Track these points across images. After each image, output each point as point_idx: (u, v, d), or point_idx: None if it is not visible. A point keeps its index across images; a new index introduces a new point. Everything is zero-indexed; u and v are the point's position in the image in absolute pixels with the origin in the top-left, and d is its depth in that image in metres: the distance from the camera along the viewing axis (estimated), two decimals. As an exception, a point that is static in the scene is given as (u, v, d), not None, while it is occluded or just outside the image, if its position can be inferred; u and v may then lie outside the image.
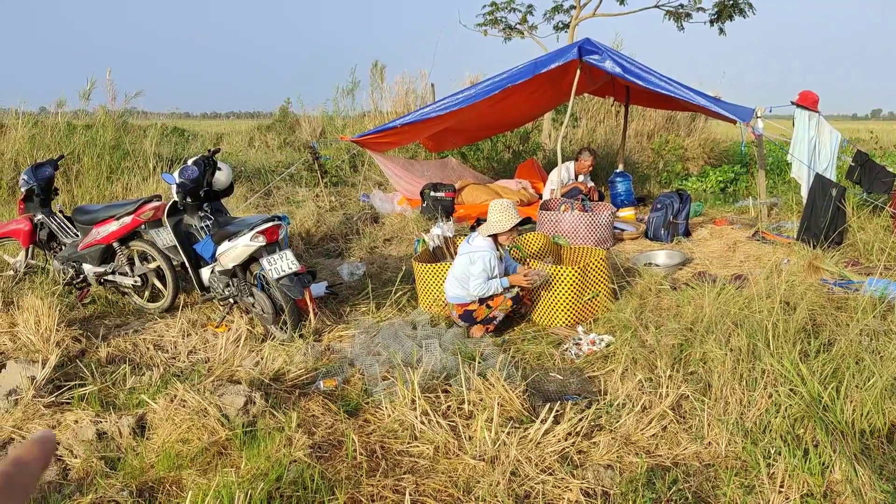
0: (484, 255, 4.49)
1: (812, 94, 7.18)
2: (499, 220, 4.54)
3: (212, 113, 42.26)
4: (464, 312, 4.60)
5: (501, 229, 4.53)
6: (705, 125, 15.23)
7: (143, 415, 3.37)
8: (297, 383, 3.84)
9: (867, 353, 3.29)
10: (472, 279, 4.47)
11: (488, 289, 4.46)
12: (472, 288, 4.46)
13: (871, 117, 69.99)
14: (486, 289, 4.45)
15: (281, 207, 9.26)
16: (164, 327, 4.83)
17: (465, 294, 4.58)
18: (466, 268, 4.54)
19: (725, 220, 8.12)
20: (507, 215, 4.54)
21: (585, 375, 3.94)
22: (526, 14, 15.45)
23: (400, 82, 14.34)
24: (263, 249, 4.52)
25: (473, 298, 4.55)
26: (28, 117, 10.09)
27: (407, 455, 3.06)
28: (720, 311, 3.92)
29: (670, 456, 2.99)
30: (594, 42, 7.74)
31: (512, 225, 4.53)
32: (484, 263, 4.47)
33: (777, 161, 11.80)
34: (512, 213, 4.56)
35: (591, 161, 8.82)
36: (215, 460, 3.02)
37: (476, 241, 4.61)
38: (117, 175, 9.05)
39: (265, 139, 15.87)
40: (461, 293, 4.60)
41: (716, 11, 13.79)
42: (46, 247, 5.88)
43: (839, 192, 6.41)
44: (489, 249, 4.52)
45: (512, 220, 4.52)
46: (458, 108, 8.09)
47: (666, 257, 6.46)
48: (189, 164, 4.88)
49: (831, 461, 2.75)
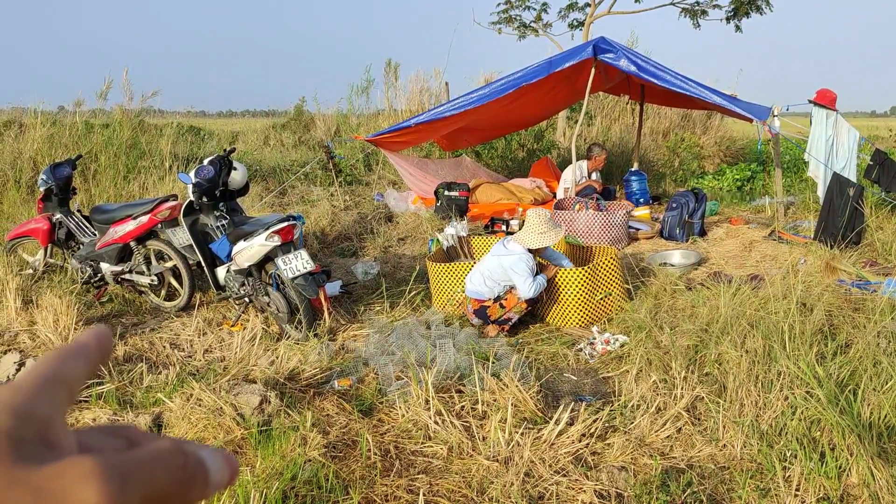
0: (523, 258, 4.51)
1: (830, 93, 7.11)
2: (545, 233, 4.57)
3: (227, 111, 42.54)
4: (479, 308, 4.61)
5: (549, 243, 4.59)
6: (721, 123, 15.11)
7: (159, 413, 3.40)
8: (312, 382, 3.86)
9: (885, 355, 3.26)
10: (519, 284, 4.49)
11: (539, 286, 4.50)
12: (523, 291, 4.48)
13: (891, 114, 69.11)
14: (537, 286, 4.49)
15: (296, 206, 9.31)
16: (180, 326, 4.87)
17: (486, 292, 4.59)
18: (496, 268, 4.56)
19: (741, 220, 8.06)
20: (552, 229, 4.60)
21: (600, 376, 3.94)
22: (541, 12, 15.41)
23: (414, 81, 14.37)
24: (279, 249, 4.55)
25: (492, 296, 4.58)
26: (46, 117, 10.20)
27: (421, 455, 3.07)
28: (736, 311, 3.89)
29: (685, 458, 2.98)
30: (609, 40, 7.71)
31: (557, 240, 4.62)
32: (526, 265, 4.50)
33: (794, 159, 11.69)
34: (556, 227, 4.65)
35: (605, 156, 8.80)
36: (231, 459, 3.04)
37: (512, 245, 4.63)
38: (134, 174, 9.13)
39: (280, 138, 15.93)
40: (482, 290, 4.59)
41: (732, 8, 13.69)
42: (65, 246, 5.95)
43: (857, 191, 6.35)
44: (524, 252, 4.56)
45: (557, 235, 4.60)
46: (472, 107, 8.09)
47: (681, 257, 6.42)
48: (205, 164, 4.92)
49: (848, 464, 2.73)
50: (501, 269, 4.56)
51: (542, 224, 4.57)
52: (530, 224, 4.61)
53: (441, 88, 13.70)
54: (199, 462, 0.38)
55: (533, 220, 4.60)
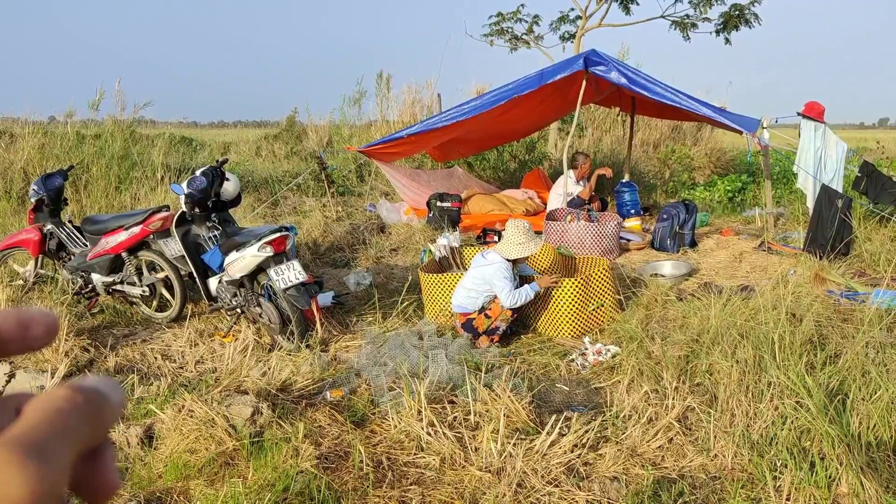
0: (500, 267, 4.54)
1: (818, 105, 7.19)
2: (524, 244, 4.59)
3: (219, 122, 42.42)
4: (466, 321, 4.66)
5: (528, 253, 4.60)
6: (711, 135, 15.24)
7: (150, 425, 3.39)
8: (304, 394, 3.85)
9: (873, 365, 3.28)
10: (499, 293, 4.51)
11: (519, 296, 4.49)
12: (504, 301, 4.49)
13: (879, 126, 69.75)
14: (517, 297, 4.49)
15: (288, 217, 9.31)
16: (171, 337, 4.86)
17: (469, 304, 4.64)
18: (478, 281, 4.59)
19: (732, 231, 8.11)
20: (531, 240, 4.62)
21: (591, 386, 3.95)
22: (532, 24, 15.52)
23: (406, 92, 14.42)
24: (271, 260, 4.55)
25: (476, 308, 4.61)
26: (38, 127, 10.18)
27: (413, 466, 3.07)
28: (726, 322, 3.92)
29: (676, 468, 3.00)
30: (600, 53, 7.78)
31: (536, 250, 4.64)
32: (502, 273, 4.52)
33: (783, 171, 11.79)
34: (534, 238, 4.66)
35: (589, 164, 8.78)
36: (223, 471, 3.04)
37: (490, 255, 4.67)
38: (126, 185, 9.11)
39: (272, 148, 15.94)
40: (466, 303, 4.65)
41: (721, 22, 13.83)
42: (56, 256, 5.92)
43: (845, 202, 6.41)
44: (503, 261, 4.58)
45: (536, 245, 4.63)
46: (464, 118, 8.13)
47: (672, 268, 6.46)
48: (197, 175, 4.92)
49: (838, 474, 2.75)
50: (481, 280, 4.62)
51: (520, 234, 4.62)
52: (509, 235, 4.65)
53: (433, 100, 13.77)
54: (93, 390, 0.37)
55: (511, 231, 4.65)
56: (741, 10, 13.55)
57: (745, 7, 13.58)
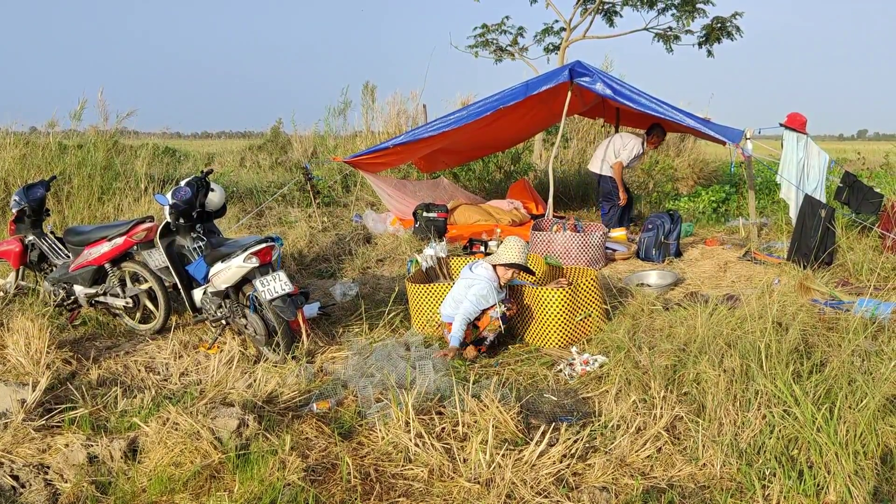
0: (482, 283, 4.56)
1: (800, 117, 7.27)
2: (506, 251, 4.67)
3: (203, 133, 42.14)
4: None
5: (507, 260, 4.63)
6: (694, 145, 15.36)
7: (134, 438, 3.33)
8: (291, 405, 3.82)
9: (859, 373, 3.30)
10: (465, 300, 4.52)
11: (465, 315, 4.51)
12: (462, 308, 4.50)
13: (858, 137, 70.73)
14: (465, 314, 4.51)
15: (273, 228, 9.26)
16: (155, 349, 4.80)
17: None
18: (464, 291, 4.59)
19: (716, 241, 8.17)
20: (517, 250, 4.66)
21: (580, 396, 3.94)
22: (517, 36, 15.64)
23: (391, 103, 14.46)
24: (256, 270, 4.51)
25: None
26: (19, 137, 10.08)
27: (401, 478, 3.04)
28: (713, 331, 3.93)
29: (665, 477, 2.99)
30: (585, 64, 7.83)
31: (517, 260, 4.65)
32: (480, 289, 4.54)
33: (766, 181, 11.91)
34: (523, 251, 4.70)
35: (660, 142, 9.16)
36: (208, 484, 2.99)
37: (478, 269, 4.68)
38: (109, 196, 9.04)
39: (257, 159, 15.90)
40: (454, 313, 4.63)
41: (704, 34, 14.01)
42: (37, 268, 5.85)
43: (828, 212, 6.47)
44: (489, 280, 4.57)
45: (520, 256, 4.66)
46: (450, 128, 8.15)
47: (658, 277, 6.48)
48: (182, 185, 4.88)
49: (826, 482, 2.76)
50: (465, 289, 4.62)
51: (509, 244, 4.72)
52: (508, 245, 4.71)
53: (418, 111, 13.79)
54: None
55: (505, 242, 4.76)
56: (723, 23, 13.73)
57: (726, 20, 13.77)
